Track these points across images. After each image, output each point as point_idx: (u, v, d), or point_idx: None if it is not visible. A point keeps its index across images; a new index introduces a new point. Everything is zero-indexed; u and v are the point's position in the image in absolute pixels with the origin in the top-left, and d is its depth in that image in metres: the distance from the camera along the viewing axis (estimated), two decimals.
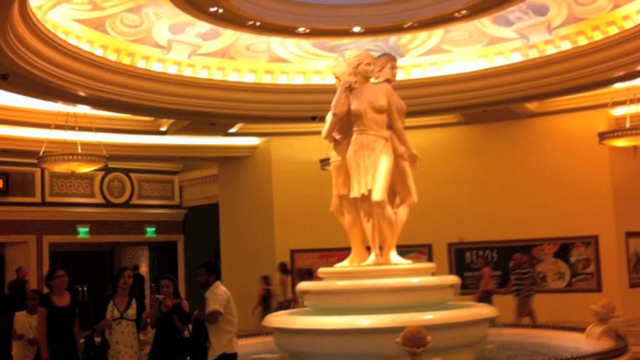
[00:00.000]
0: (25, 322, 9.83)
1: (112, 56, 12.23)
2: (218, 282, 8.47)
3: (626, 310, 14.53)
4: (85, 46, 11.74)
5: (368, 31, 12.41)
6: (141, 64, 12.75)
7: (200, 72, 13.52)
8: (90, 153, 13.81)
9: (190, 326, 8.40)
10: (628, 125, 13.94)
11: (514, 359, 9.01)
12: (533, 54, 13.36)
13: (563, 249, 16.25)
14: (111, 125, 15.48)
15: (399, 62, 10.02)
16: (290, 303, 13.72)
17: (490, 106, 14.87)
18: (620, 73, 12.90)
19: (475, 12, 11.63)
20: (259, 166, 18.32)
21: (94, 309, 8.39)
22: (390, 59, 9.00)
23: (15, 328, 9.88)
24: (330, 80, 9.43)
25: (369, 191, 8.32)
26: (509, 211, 16.34)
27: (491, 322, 8.76)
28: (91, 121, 14.21)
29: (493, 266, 15.95)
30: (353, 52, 9.02)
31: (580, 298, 15.00)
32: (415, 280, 8.34)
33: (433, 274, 8.89)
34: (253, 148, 18.46)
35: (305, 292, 8.79)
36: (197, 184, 22.00)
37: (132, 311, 8.22)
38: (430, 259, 16.12)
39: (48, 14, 10.58)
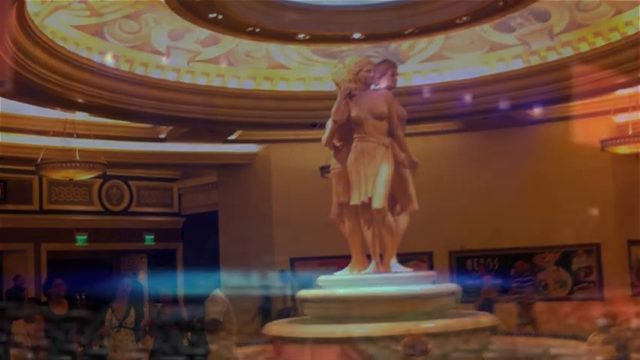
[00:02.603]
0: (23, 330, 9.76)
1: (110, 62, 12.17)
2: (217, 290, 8.42)
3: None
4: (83, 53, 11.68)
5: (368, 38, 12.33)
6: (139, 70, 12.69)
7: (199, 78, 13.45)
8: (88, 160, 13.77)
9: (189, 334, 8.35)
10: (630, 132, 13.90)
11: None
12: (534, 60, 13.28)
13: (565, 257, 16.17)
14: (109, 132, 15.40)
15: (400, 69, 9.96)
16: (289, 311, 13.66)
17: (491, 113, 14.81)
18: (623, 80, 12.82)
19: (476, 18, 11.55)
20: (259, 173, 18.26)
21: (93, 317, 8.35)
22: (390, 66, 8.93)
23: (13, 336, 9.81)
24: (330, 87, 9.34)
25: (370, 199, 8.25)
26: (511, 219, 16.23)
27: (493, 330, 8.69)
28: (90, 128, 14.17)
29: (494, 274, 15.87)
30: (353, 58, 8.93)
31: (582, 306, 14.92)
32: (416, 289, 8.27)
33: (434, 282, 8.83)
34: (253, 155, 18.39)
35: (305, 300, 8.71)
36: (196, 191, 21.94)
37: (130, 319, 8.20)
38: (431, 267, 16.05)
39: (46, 20, 10.50)
